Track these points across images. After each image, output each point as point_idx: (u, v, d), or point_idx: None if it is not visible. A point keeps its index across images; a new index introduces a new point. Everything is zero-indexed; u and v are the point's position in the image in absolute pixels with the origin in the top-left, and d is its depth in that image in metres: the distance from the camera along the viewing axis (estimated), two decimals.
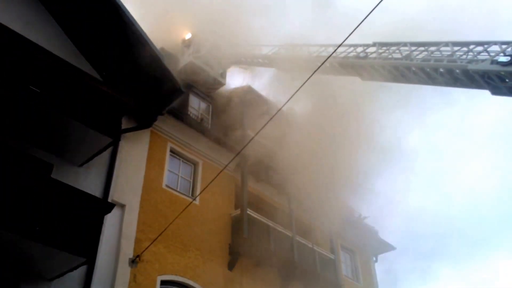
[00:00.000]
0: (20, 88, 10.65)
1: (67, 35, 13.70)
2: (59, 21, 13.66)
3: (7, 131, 11.26)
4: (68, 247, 9.93)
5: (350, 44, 13.49)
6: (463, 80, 10.75)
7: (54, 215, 10.05)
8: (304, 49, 15.79)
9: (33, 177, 10.26)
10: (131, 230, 13.29)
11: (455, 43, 11.22)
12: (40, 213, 9.81)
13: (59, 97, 11.27)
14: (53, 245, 9.75)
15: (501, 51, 9.96)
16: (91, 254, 10.44)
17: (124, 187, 13.63)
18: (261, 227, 17.06)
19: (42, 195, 10.03)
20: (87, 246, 10.28)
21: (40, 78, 11.11)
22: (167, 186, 15.22)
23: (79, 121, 11.44)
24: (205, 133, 17.05)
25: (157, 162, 15.22)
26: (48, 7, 13.54)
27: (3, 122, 11.07)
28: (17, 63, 10.84)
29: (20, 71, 10.82)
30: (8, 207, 9.37)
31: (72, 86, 11.68)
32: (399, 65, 12.12)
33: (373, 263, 23.35)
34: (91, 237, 10.48)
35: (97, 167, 12.91)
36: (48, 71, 11.37)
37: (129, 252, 12.93)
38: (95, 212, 11.00)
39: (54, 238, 9.76)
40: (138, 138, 14.80)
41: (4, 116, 10.93)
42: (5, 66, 10.58)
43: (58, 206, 10.19)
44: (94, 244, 10.63)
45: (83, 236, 10.28)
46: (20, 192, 9.70)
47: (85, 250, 10.21)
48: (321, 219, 20.64)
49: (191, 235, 14.99)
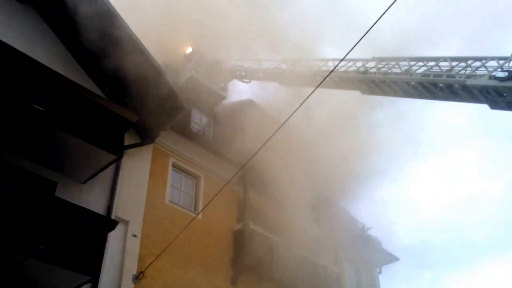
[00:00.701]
0: (23, 106, 10.74)
1: (69, 52, 13.84)
2: (61, 38, 13.81)
3: (10, 149, 11.35)
4: (72, 266, 10.00)
5: (349, 58, 13.61)
6: (462, 95, 10.85)
7: (58, 233, 10.13)
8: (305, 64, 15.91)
9: (37, 195, 10.35)
10: (134, 246, 13.33)
11: (453, 58, 11.34)
12: (44, 231, 9.90)
13: (62, 114, 11.34)
14: (58, 264, 9.81)
15: (498, 67, 10.08)
16: (95, 272, 10.52)
17: (127, 203, 13.68)
18: (263, 241, 17.05)
19: (45, 213, 10.11)
20: (91, 264, 10.35)
21: (43, 96, 11.19)
22: (170, 202, 15.28)
23: (82, 138, 11.51)
24: (207, 147, 17.12)
25: (159, 177, 15.29)
26: (51, 25, 13.70)
27: (6, 140, 11.17)
28: (20, 81, 10.92)
29: (23, 89, 10.90)
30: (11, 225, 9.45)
31: (74, 104, 11.77)
32: (399, 80, 12.23)
33: (377, 274, 23.29)
34: (95, 255, 10.56)
35: (100, 183, 12.98)
36: (51, 88, 11.45)
37: (133, 269, 12.96)
38: (99, 230, 11.08)
39: (58, 257, 9.83)
40: (141, 153, 14.88)
41: (7, 134, 11.03)
42: (8, 84, 10.66)
43: (62, 224, 10.27)
44: (98, 261, 10.70)
45: (87, 254, 10.35)
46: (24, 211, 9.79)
47: (89, 268, 10.28)
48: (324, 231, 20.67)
49: (194, 250, 15.02)
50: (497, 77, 9.93)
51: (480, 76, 10.32)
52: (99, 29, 13.20)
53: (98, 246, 10.82)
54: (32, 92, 11.05)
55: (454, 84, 10.85)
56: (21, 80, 10.97)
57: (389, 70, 12.69)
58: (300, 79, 15.99)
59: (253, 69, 18.33)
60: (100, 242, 10.99)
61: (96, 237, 10.87)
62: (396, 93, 12.71)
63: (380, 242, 23.31)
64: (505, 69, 9.86)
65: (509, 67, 9.83)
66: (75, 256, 10.12)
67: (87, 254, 10.37)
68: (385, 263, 23.60)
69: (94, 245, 10.69)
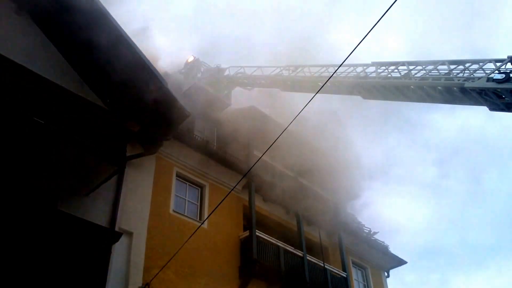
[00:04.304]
0: (24, 119, 10.72)
1: (69, 63, 13.76)
2: (62, 51, 13.73)
3: (12, 164, 11.31)
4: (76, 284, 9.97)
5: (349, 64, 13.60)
6: (461, 97, 10.83)
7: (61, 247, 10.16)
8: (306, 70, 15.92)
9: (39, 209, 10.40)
10: (139, 258, 13.31)
11: (451, 62, 11.32)
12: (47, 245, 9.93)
13: (63, 127, 11.32)
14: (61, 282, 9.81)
15: (496, 69, 10.05)
16: None
17: (131, 214, 13.68)
18: (270, 248, 17.02)
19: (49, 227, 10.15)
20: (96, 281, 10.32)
21: (44, 109, 11.17)
22: (175, 211, 15.27)
23: (84, 150, 11.54)
24: (210, 156, 17.11)
25: (163, 187, 15.31)
26: (51, 37, 13.62)
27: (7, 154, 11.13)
28: (20, 95, 10.90)
29: (23, 103, 10.88)
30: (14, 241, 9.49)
31: (76, 116, 11.76)
32: (399, 84, 12.21)
33: (385, 278, 23.20)
34: (99, 269, 10.57)
35: (103, 195, 12.91)
36: (52, 101, 11.46)
37: (138, 281, 12.93)
38: (102, 242, 11.11)
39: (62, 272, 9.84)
40: (144, 164, 14.87)
41: (8, 147, 10.98)
42: (8, 97, 10.66)
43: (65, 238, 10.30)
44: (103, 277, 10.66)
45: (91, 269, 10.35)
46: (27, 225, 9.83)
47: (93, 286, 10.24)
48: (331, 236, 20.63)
49: (200, 260, 14.99)
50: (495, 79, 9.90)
51: (478, 78, 10.31)
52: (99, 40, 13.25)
53: (102, 260, 10.84)
54: (32, 105, 11.03)
55: (453, 87, 10.83)
56: (21, 93, 10.95)
57: (388, 75, 12.69)
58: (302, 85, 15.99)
59: (255, 76, 18.36)
60: (104, 255, 11.01)
61: (100, 249, 10.90)
62: (396, 97, 12.69)
63: (387, 246, 23.24)
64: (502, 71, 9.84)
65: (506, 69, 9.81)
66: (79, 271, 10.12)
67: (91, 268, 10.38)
68: (393, 266, 23.52)
69: (98, 259, 10.72)
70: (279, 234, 18.40)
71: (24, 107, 10.89)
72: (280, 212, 19.36)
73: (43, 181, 11.73)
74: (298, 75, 16.07)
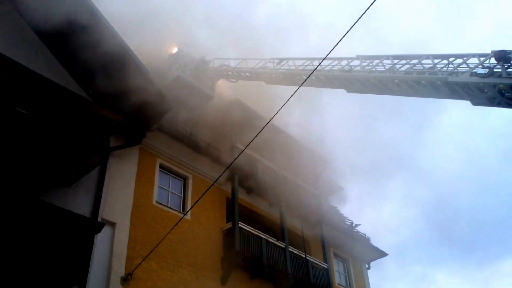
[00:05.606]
0: (5, 109, 10.60)
1: (52, 53, 13.68)
2: (44, 40, 13.64)
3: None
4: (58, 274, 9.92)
5: (334, 57, 13.64)
6: (445, 91, 10.93)
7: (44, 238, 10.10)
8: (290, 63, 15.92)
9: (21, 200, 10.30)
10: (122, 248, 13.32)
11: (435, 56, 11.41)
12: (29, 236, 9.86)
13: (46, 117, 11.22)
14: (43, 272, 9.76)
15: (479, 64, 10.17)
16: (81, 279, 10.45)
17: (114, 205, 13.67)
18: (253, 239, 17.11)
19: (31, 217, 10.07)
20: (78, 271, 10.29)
21: (26, 99, 11.06)
22: (158, 202, 15.27)
23: (67, 141, 11.44)
24: (194, 147, 17.11)
25: (147, 178, 15.28)
26: (33, 27, 13.45)
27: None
28: (2, 85, 10.78)
29: (5, 93, 10.76)
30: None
31: (59, 106, 11.67)
32: (383, 78, 12.29)
33: (366, 270, 23.47)
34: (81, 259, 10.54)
35: (86, 186, 12.90)
36: (34, 91, 11.34)
37: (121, 271, 12.95)
38: (85, 232, 11.07)
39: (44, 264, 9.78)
40: (127, 155, 14.86)
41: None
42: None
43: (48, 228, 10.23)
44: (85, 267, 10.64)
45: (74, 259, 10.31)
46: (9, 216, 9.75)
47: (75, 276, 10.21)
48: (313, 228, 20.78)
49: (183, 251, 15.03)
50: (478, 73, 10.03)
51: (462, 73, 10.41)
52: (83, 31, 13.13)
53: (84, 250, 10.82)
54: (14, 94, 10.91)
55: (437, 81, 10.93)
56: (3, 83, 10.82)
57: (373, 68, 12.75)
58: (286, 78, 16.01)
59: (239, 69, 18.30)
60: (87, 245, 10.97)
61: (82, 240, 10.86)
62: (381, 90, 12.77)
63: (368, 238, 23.51)
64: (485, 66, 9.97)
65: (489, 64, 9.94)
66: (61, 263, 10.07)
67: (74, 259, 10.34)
68: (374, 258, 23.80)
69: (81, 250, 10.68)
70: (262, 226, 18.49)
71: (6, 97, 10.75)
72: (263, 205, 19.46)
73: (25, 171, 11.61)
74: (282, 68, 16.09)
